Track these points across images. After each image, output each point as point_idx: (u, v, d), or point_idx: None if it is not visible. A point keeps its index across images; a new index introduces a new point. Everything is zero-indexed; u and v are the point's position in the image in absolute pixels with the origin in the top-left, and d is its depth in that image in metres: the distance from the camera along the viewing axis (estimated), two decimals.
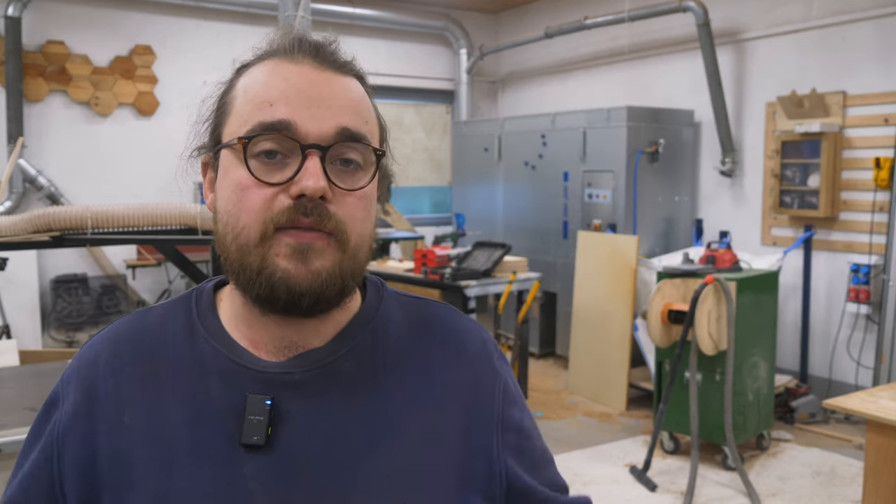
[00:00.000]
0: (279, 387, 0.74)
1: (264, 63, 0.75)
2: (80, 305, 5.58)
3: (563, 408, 4.76)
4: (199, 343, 0.78)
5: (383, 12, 6.71)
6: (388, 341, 0.80)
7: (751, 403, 3.84)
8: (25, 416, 1.81)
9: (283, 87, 0.72)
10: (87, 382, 0.77)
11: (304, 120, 0.71)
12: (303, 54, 0.74)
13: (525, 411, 0.86)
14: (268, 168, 0.71)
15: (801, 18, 4.79)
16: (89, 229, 2.95)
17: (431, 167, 7.59)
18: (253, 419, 0.72)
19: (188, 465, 0.72)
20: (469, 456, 0.78)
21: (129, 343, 0.79)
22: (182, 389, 0.75)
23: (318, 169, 0.70)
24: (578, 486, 3.58)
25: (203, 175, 0.80)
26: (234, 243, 0.72)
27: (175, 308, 0.82)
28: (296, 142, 0.70)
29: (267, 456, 0.72)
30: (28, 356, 3.04)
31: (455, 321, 0.86)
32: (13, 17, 5.25)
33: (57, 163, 5.61)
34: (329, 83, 0.73)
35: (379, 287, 0.85)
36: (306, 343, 0.77)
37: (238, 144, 0.71)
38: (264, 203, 0.70)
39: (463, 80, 7.19)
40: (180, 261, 3.56)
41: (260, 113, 0.71)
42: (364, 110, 0.75)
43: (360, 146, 0.73)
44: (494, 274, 4.47)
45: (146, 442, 0.74)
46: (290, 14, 2.93)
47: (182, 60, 5.98)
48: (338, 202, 0.72)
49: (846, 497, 3.42)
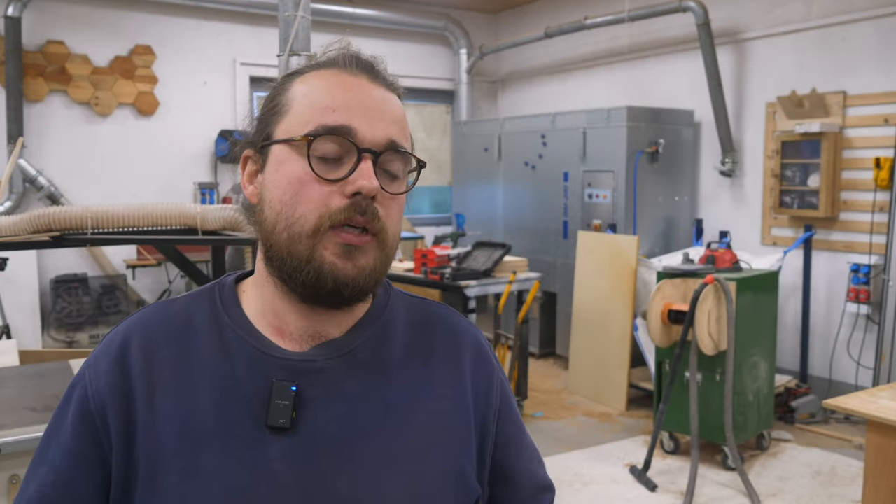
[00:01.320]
0: (302, 374, 0.80)
1: (322, 72, 0.82)
2: (80, 305, 5.58)
3: (563, 408, 4.76)
4: (224, 332, 0.83)
5: (383, 12, 6.71)
6: (397, 335, 0.87)
7: (751, 403, 3.84)
8: (25, 416, 1.81)
9: (344, 97, 0.79)
10: (120, 363, 0.81)
11: (362, 126, 0.78)
12: (360, 69, 0.82)
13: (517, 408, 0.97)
14: (326, 166, 0.78)
15: (801, 18, 4.79)
16: (89, 229, 2.95)
17: (431, 167, 7.58)
18: (279, 404, 0.78)
19: (216, 445, 0.77)
20: (470, 441, 0.86)
21: (158, 328, 0.83)
22: (210, 374, 0.80)
23: (371, 170, 0.77)
24: (578, 485, 3.58)
25: (242, 168, 0.85)
26: (286, 230, 0.78)
27: (198, 299, 0.86)
28: (353, 144, 0.78)
29: (291, 438, 0.78)
30: (28, 356, 3.03)
31: (455, 320, 0.94)
32: (13, 17, 5.25)
33: (57, 163, 5.60)
34: (383, 98, 0.82)
35: (387, 286, 0.92)
36: (327, 333, 0.83)
37: (302, 141, 0.78)
38: (322, 198, 0.77)
39: (463, 80, 7.19)
40: (180, 261, 3.56)
41: (322, 116, 0.78)
42: (406, 126, 0.84)
43: (405, 156, 0.82)
44: (494, 274, 4.47)
45: (176, 422, 0.78)
46: (290, 14, 2.93)
47: (182, 60, 5.98)
48: (383, 204, 0.79)
49: (846, 497, 3.42)
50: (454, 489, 0.83)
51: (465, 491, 0.84)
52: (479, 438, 0.87)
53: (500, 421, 0.90)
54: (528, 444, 0.95)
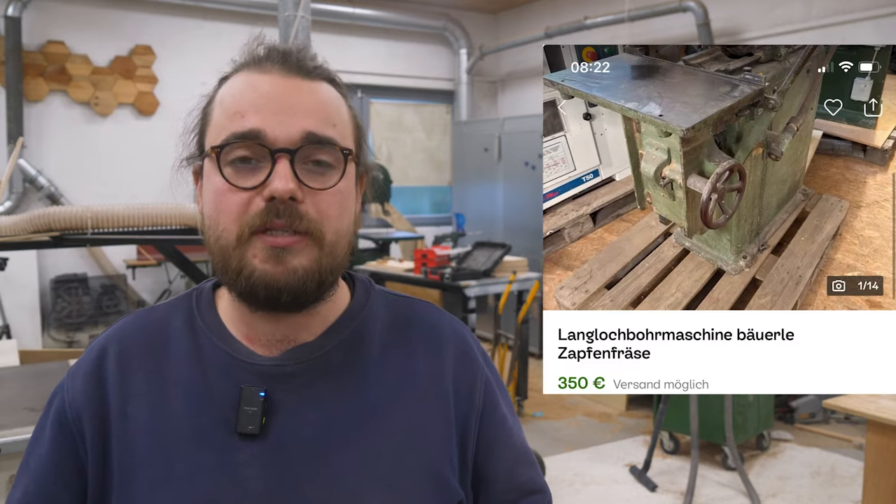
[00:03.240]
0: (273, 379, 0.79)
1: (238, 74, 0.80)
2: (80, 305, 5.58)
3: (563, 408, 4.76)
4: (199, 338, 0.82)
5: (383, 12, 6.71)
6: (374, 336, 0.85)
7: (751, 403, 3.84)
8: (25, 416, 1.81)
9: (252, 98, 0.76)
10: (96, 375, 0.81)
11: (273, 126, 0.75)
12: (271, 63, 0.79)
13: (508, 409, 0.91)
14: (242, 174, 0.75)
15: (801, 18, 4.79)
16: (89, 229, 2.95)
17: (431, 167, 7.59)
18: (248, 410, 0.77)
19: (187, 452, 0.77)
20: (450, 444, 0.83)
21: (134, 339, 0.83)
22: (183, 381, 0.80)
23: (286, 172, 0.74)
24: (578, 485, 3.58)
25: (195, 183, 0.84)
26: (216, 245, 0.77)
27: (177, 306, 0.86)
28: (265, 148, 0.74)
29: (261, 444, 0.77)
30: (28, 356, 3.03)
31: (438, 319, 0.91)
32: (13, 17, 5.25)
33: (57, 163, 5.60)
34: (297, 90, 0.77)
35: (367, 286, 0.90)
36: (297, 337, 0.82)
37: (212, 153, 0.76)
38: (240, 207, 0.75)
39: (463, 80, 7.20)
40: (180, 261, 3.56)
41: (232, 124, 0.76)
42: (332, 113, 0.79)
43: (327, 148, 0.77)
44: (494, 274, 4.47)
45: (149, 431, 0.78)
46: (290, 14, 2.93)
47: (182, 60, 5.98)
48: (310, 201, 0.76)
49: (846, 497, 3.42)
50: (433, 494, 0.81)
51: (444, 495, 0.82)
52: (461, 441, 0.84)
53: (482, 422, 0.86)
54: (514, 445, 0.90)
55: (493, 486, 0.87)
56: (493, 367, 0.92)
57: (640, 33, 5.91)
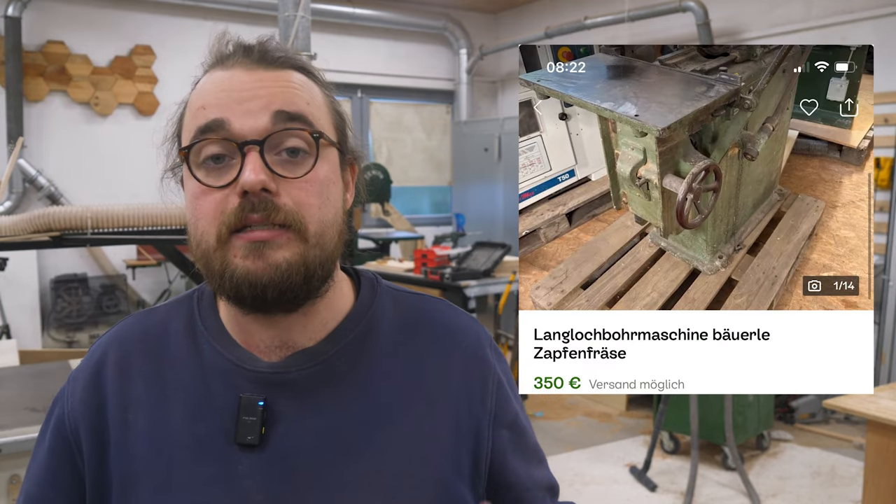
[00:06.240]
0: (273, 386, 0.76)
1: (205, 75, 0.78)
2: (80, 305, 5.58)
3: (563, 408, 4.76)
4: (200, 342, 0.79)
5: (383, 12, 6.71)
6: (381, 339, 0.81)
7: (751, 403, 3.84)
8: (25, 416, 1.81)
9: (213, 92, 0.74)
10: (95, 383, 0.79)
11: (237, 116, 0.72)
12: (233, 59, 0.76)
13: (520, 408, 0.87)
14: (214, 173, 0.73)
15: (801, 18, 4.79)
16: (89, 229, 2.95)
17: (431, 167, 7.59)
18: (246, 420, 0.74)
19: (187, 461, 0.75)
20: (461, 452, 0.79)
21: (134, 343, 0.81)
22: (183, 387, 0.78)
23: (256, 163, 0.70)
24: (578, 485, 3.58)
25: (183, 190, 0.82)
26: (198, 250, 0.74)
27: (177, 308, 0.84)
28: (233, 142, 0.71)
29: (261, 454, 0.74)
30: (28, 356, 3.04)
31: (450, 317, 0.87)
32: (13, 17, 5.25)
33: (57, 163, 5.60)
34: (260, 80, 0.74)
35: (374, 283, 0.86)
36: (297, 342, 0.78)
37: (181, 156, 0.74)
38: (216, 207, 0.72)
39: (463, 80, 7.19)
40: (180, 261, 3.55)
41: (195, 120, 0.74)
42: (303, 93, 0.75)
43: (298, 132, 0.73)
44: (494, 274, 4.46)
45: (148, 438, 0.76)
46: (290, 14, 2.93)
47: (182, 60, 5.97)
48: (286, 192, 0.72)
49: (846, 497, 3.42)
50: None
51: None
52: (474, 447, 0.81)
53: (495, 426, 0.83)
54: (528, 446, 0.87)
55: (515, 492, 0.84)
56: (504, 364, 0.88)
57: (640, 33, 5.91)
